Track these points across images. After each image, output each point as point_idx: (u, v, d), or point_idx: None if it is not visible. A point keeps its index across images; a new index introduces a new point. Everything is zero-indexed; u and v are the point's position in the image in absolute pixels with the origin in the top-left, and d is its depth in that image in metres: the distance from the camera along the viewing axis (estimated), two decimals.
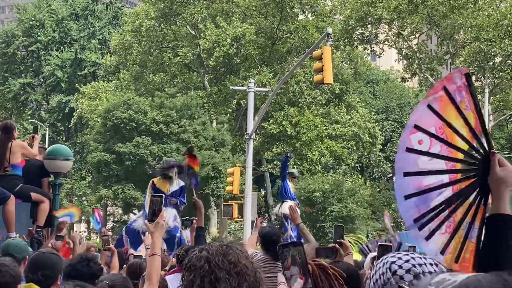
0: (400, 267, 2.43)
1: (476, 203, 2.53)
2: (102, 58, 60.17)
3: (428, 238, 2.50)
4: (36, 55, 66.11)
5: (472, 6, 44.00)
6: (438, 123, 2.50)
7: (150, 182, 12.99)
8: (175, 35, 48.21)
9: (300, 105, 45.81)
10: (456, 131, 2.50)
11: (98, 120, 45.36)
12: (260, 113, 30.60)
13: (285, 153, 16.46)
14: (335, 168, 47.99)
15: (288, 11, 45.65)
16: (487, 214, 2.53)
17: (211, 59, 44.72)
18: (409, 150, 2.54)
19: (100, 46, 64.33)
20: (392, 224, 48.20)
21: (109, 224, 50.56)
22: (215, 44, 44.07)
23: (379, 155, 57.34)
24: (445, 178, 2.52)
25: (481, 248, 2.47)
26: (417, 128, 2.53)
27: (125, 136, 42.51)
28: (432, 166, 2.51)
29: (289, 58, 44.78)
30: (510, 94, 48.38)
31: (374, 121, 51.75)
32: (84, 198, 55.11)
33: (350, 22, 47.64)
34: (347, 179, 46.67)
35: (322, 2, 48.19)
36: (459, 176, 2.53)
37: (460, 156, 2.53)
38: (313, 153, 45.75)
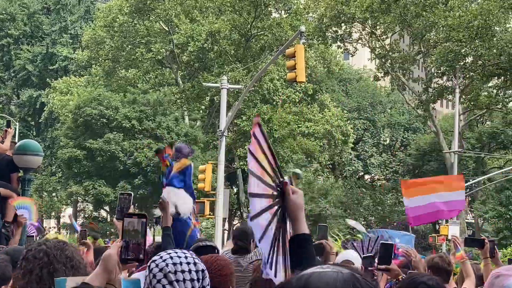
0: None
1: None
2: (74, 53, 59.67)
3: (276, 273, 2.62)
4: (6, 49, 65.30)
5: (443, 6, 44.38)
6: (254, 164, 2.69)
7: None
8: (148, 31, 47.95)
9: (274, 102, 45.87)
10: (263, 168, 2.69)
11: (69, 115, 44.97)
12: (233, 110, 30.56)
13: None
14: (307, 165, 48.13)
15: (263, 8, 45.65)
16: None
17: (185, 53, 44.54)
18: (251, 194, 2.72)
19: (72, 41, 63.74)
20: (363, 223, 48.45)
21: (79, 221, 50.15)
22: (189, 39, 43.90)
23: (351, 153, 57.64)
24: (268, 215, 2.68)
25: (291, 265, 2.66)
26: (251, 173, 2.72)
27: (96, 132, 42.22)
28: (262, 205, 2.67)
29: (263, 56, 44.79)
30: (481, 94, 48.91)
31: (346, 119, 51.99)
32: (54, 194, 54.61)
33: (323, 21, 47.77)
34: (318, 176, 46.86)
35: (297, 1, 48.27)
36: (274, 209, 2.70)
37: (270, 191, 2.71)
38: (285, 150, 45.84)
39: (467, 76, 46.87)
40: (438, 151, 52.02)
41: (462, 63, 45.86)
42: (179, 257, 2.93)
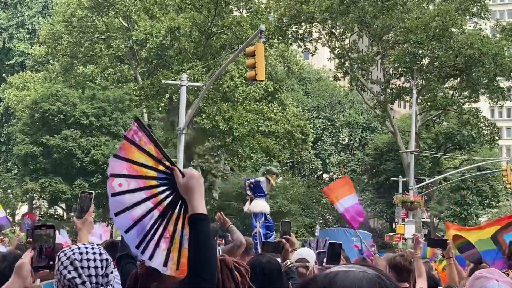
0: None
1: (182, 213, 2.96)
2: (31, 48, 58.74)
3: (151, 257, 2.91)
4: None
5: (401, 8, 44.88)
6: (126, 165, 2.99)
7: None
8: (107, 27, 47.48)
9: (236, 99, 45.85)
10: (142, 164, 2.99)
11: (26, 111, 44.29)
12: (193, 108, 30.45)
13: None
14: (266, 164, 48.22)
15: (223, 6, 45.55)
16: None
17: (144, 50, 44.22)
18: (113, 194, 3.00)
19: (29, 36, 62.75)
20: (320, 221, 48.72)
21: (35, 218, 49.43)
22: (149, 36, 43.60)
23: (310, 152, 57.98)
24: (149, 204, 2.97)
25: (189, 247, 2.90)
26: (113, 175, 3.00)
27: (53, 128, 41.66)
28: (136, 199, 2.97)
29: (223, 54, 44.69)
30: (437, 95, 49.61)
31: (306, 118, 52.27)
32: (9, 191, 53.72)
33: (284, 20, 47.91)
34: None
35: (257, 0, 48.30)
36: (159, 198, 2.98)
37: (153, 182, 3.00)
38: (244, 149, 45.86)
39: (424, 77, 47.51)
40: (395, 151, 52.65)
41: (419, 65, 46.47)
42: (86, 247, 3.25)
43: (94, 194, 4.70)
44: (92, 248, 3.28)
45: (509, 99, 52.20)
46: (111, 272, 3.29)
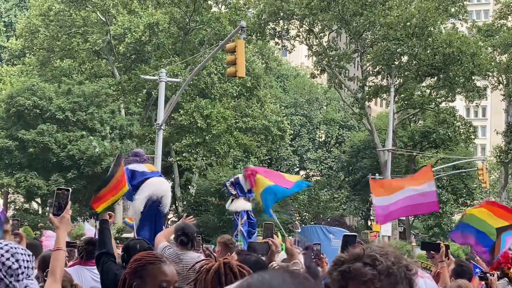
0: None
1: None
2: (7, 41, 58.09)
3: None
4: None
5: (382, 6, 45.12)
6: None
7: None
8: (84, 21, 47.13)
9: (212, 96, 45.78)
10: None
11: (1, 105, 43.83)
12: (171, 104, 30.34)
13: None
14: (244, 160, 48.24)
15: (202, 2, 45.44)
16: None
17: (122, 45, 43.98)
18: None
19: (5, 29, 62.04)
20: (297, 218, 48.85)
21: (10, 212, 48.96)
22: (127, 31, 43.36)
23: (287, 149, 58.08)
24: None
25: None
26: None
27: (29, 122, 41.29)
28: None
29: (202, 50, 44.59)
30: (414, 94, 49.93)
31: (283, 115, 52.34)
32: None
33: (262, 16, 47.91)
34: None
35: None
36: None
37: None
38: (222, 146, 45.83)
39: (402, 75, 47.81)
40: (371, 149, 52.95)
41: (397, 63, 46.76)
42: (0, 243, 3.28)
43: (70, 190, 4.68)
44: (6, 245, 3.29)
45: (484, 98, 52.76)
46: (26, 267, 3.27)
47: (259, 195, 12.62)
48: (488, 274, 7.07)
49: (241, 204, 14.77)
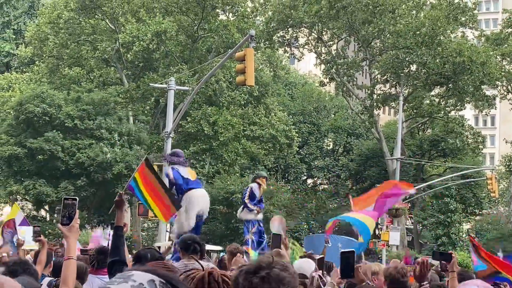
0: None
1: None
2: (17, 49, 58.34)
3: None
4: None
5: (391, 14, 45.09)
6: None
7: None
8: (93, 29, 47.28)
9: (220, 104, 45.82)
10: None
11: (11, 112, 43.97)
12: (180, 112, 30.37)
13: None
14: (251, 168, 48.21)
15: (210, 10, 45.53)
16: None
17: (130, 53, 44.12)
18: None
19: (15, 36, 62.34)
20: (305, 227, 48.69)
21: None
22: (135, 39, 43.49)
23: (295, 157, 58.00)
24: None
25: None
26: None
27: (38, 130, 41.38)
28: None
29: (209, 58, 44.67)
30: (423, 103, 49.83)
31: (291, 123, 52.29)
32: None
33: (271, 24, 47.97)
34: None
35: (244, 3, 48.31)
36: None
37: None
38: (229, 154, 45.81)
39: (411, 84, 47.72)
40: (380, 157, 52.79)
41: (406, 71, 46.68)
42: None
43: (78, 199, 4.70)
44: None
45: (494, 107, 52.61)
46: None
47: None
48: None
49: (253, 214, 14.81)
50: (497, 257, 8.88)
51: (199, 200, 11.87)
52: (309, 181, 66.39)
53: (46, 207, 46.67)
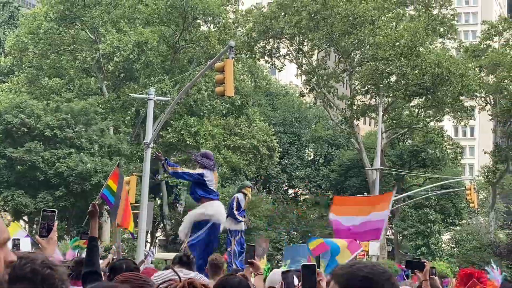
0: None
1: None
2: None
3: None
4: None
5: (371, 25, 45.43)
6: None
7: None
8: (74, 39, 47.14)
9: (201, 113, 45.82)
10: None
11: None
12: (160, 122, 30.31)
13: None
14: (233, 179, 48.18)
15: (191, 21, 45.60)
16: None
17: (111, 63, 44.02)
18: None
19: None
20: (285, 237, 48.68)
21: None
22: (116, 49, 43.41)
23: (276, 167, 58.05)
24: None
25: None
26: None
27: (16, 140, 41.09)
28: None
29: (191, 68, 44.69)
30: (403, 113, 50.14)
31: (272, 133, 52.38)
32: None
33: (252, 35, 48.15)
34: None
35: (225, 15, 48.45)
36: None
37: None
38: None
39: (391, 94, 48.04)
40: (360, 168, 53.01)
41: (386, 82, 47.00)
42: None
43: (56, 212, 4.72)
44: None
45: (472, 118, 53.07)
46: None
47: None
48: None
49: (239, 225, 14.88)
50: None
51: (214, 208, 12.18)
52: (290, 191, 66.46)
53: (25, 218, 46.29)
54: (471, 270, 8.71)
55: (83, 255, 10.77)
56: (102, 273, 7.56)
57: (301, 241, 49.93)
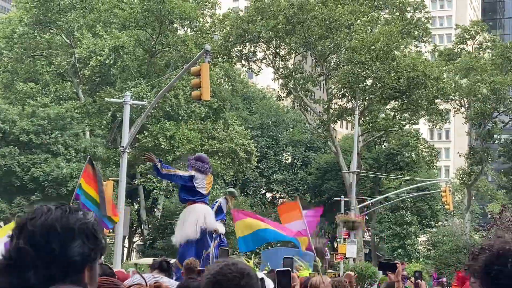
0: None
1: None
2: None
3: None
4: None
5: (346, 29, 45.70)
6: None
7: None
8: (49, 43, 46.86)
9: (179, 117, 45.73)
10: None
11: None
12: (136, 126, 30.22)
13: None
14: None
15: (168, 25, 45.54)
16: None
17: (87, 67, 43.80)
18: None
19: None
20: None
21: None
22: (92, 53, 43.21)
23: (254, 171, 58.13)
24: None
25: None
26: None
27: None
28: None
29: (167, 72, 44.63)
30: (379, 117, 50.45)
31: (250, 137, 52.44)
32: None
33: (229, 39, 48.20)
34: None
35: (202, 19, 48.46)
36: None
37: None
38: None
39: (367, 98, 48.33)
40: (337, 171, 53.25)
41: (362, 85, 47.27)
42: None
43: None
44: None
45: (447, 121, 53.56)
46: None
47: (241, 232, 12.93)
48: None
49: (221, 226, 14.88)
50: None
51: (198, 214, 12.09)
52: (268, 195, 66.56)
53: (1, 224, 45.84)
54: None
55: None
56: None
57: (279, 244, 50.00)
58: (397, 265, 7.05)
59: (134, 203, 52.53)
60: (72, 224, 1.99)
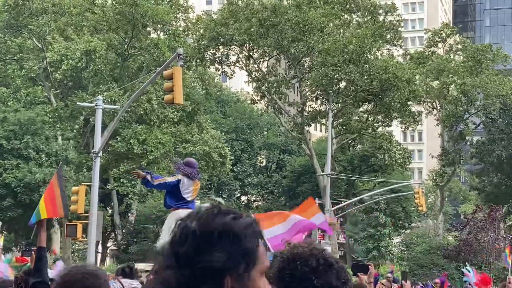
0: None
1: None
2: None
3: None
4: None
5: (319, 32, 45.83)
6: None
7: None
8: (20, 48, 46.38)
9: (152, 122, 45.47)
10: None
11: None
12: (108, 131, 30.00)
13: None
14: None
15: (140, 28, 45.31)
16: None
17: (59, 71, 43.41)
18: None
19: None
20: None
21: None
22: (63, 57, 42.83)
23: (228, 174, 58.05)
24: None
25: None
26: None
27: None
28: None
29: (140, 76, 44.38)
30: (352, 119, 50.66)
31: (224, 140, 52.34)
32: None
33: (202, 42, 48.09)
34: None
35: (175, 22, 48.28)
36: None
37: None
38: (161, 172, 45.47)
39: (340, 100, 48.51)
40: (312, 173, 53.35)
41: (335, 88, 47.44)
42: None
43: (0, 223, 4.69)
44: None
45: (420, 123, 53.96)
46: None
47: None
48: None
49: None
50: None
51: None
52: (243, 198, 66.49)
53: None
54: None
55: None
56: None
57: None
58: (369, 266, 7.06)
59: (108, 208, 52.16)
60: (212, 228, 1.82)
